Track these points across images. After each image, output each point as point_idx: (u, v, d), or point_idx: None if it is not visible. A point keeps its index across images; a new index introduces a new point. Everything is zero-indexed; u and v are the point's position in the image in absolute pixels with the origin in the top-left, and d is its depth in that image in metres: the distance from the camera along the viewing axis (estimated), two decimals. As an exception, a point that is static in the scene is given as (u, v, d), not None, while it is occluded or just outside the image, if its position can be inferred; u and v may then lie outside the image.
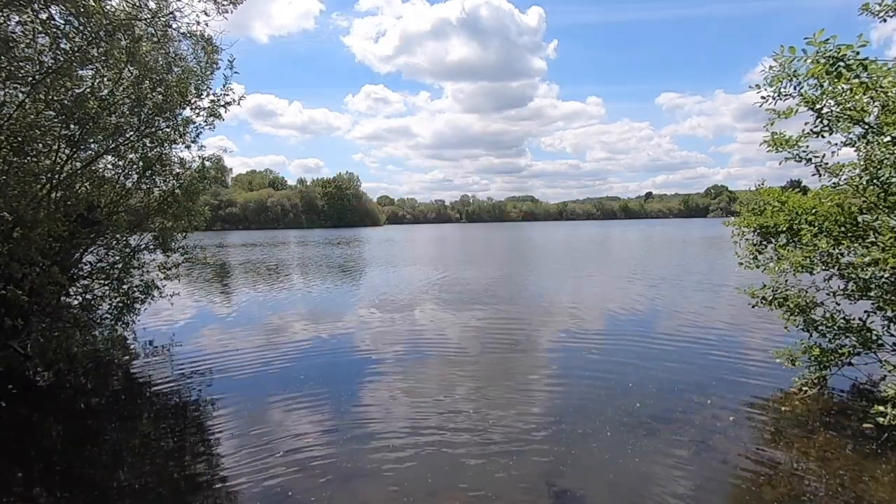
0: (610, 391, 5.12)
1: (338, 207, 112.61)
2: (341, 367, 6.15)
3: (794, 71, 4.27)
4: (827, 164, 4.56)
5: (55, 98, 5.20)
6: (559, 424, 4.38)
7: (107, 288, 7.02)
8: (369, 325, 8.50)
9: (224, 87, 6.79)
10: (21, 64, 4.88)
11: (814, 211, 4.68)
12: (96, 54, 5.30)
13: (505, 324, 8.66)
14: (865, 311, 4.68)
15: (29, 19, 4.80)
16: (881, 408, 3.80)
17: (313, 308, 10.29)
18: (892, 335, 4.51)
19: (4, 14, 4.71)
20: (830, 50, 3.96)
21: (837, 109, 4.23)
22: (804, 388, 4.88)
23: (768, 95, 4.53)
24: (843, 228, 4.52)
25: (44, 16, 4.86)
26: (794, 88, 4.36)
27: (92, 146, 6.19)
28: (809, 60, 4.11)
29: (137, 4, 5.58)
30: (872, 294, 4.55)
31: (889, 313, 4.53)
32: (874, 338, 4.56)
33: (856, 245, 4.45)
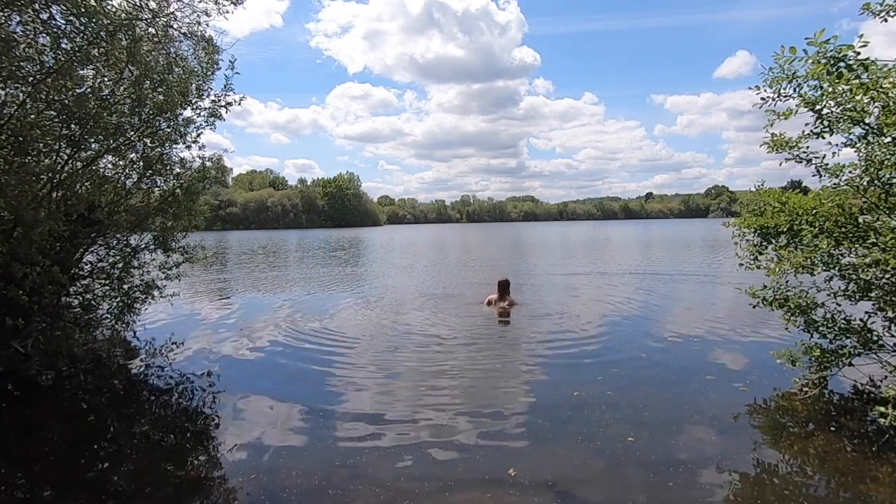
0: (606, 390, 5.11)
1: (338, 208, 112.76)
2: (342, 367, 6.15)
3: (794, 72, 4.28)
4: (827, 164, 4.56)
5: (56, 98, 5.20)
6: (552, 424, 4.38)
7: (107, 288, 7.02)
8: (371, 325, 8.50)
9: (225, 87, 6.80)
10: (22, 64, 4.88)
11: (814, 212, 4.67)
12: (97, 54, 5.30)
13: (502, 322, 8.67)
14: (866, 312, 4.67)
15: (30, 19, 4.81)
16: (882, 408, 3.79)
17: (313, 308, 10.30)
18: (892, 336, 4.51)
19: (5, 14, 4.72)
20: (831, 50, 3.96)
21: (838, 110, 4.23)
22: (805, 389, 4.88)
23: (768, 96, 4.54)
24: (843, 229, 4.51)
25: (45, 16, 4.86)
26: (794, 90, 4.36)
27: (93, 146, 6.19)
28: (810, 61, 4.11)
29: (138, 4, 5.59)
30: (873, 295, 4.55)
31: (890, 314, 4.52)
32: (875, 338, 4.55)
33: (856, 246, 4.45)
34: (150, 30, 5.95)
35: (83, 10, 4.76)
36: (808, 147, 4.62)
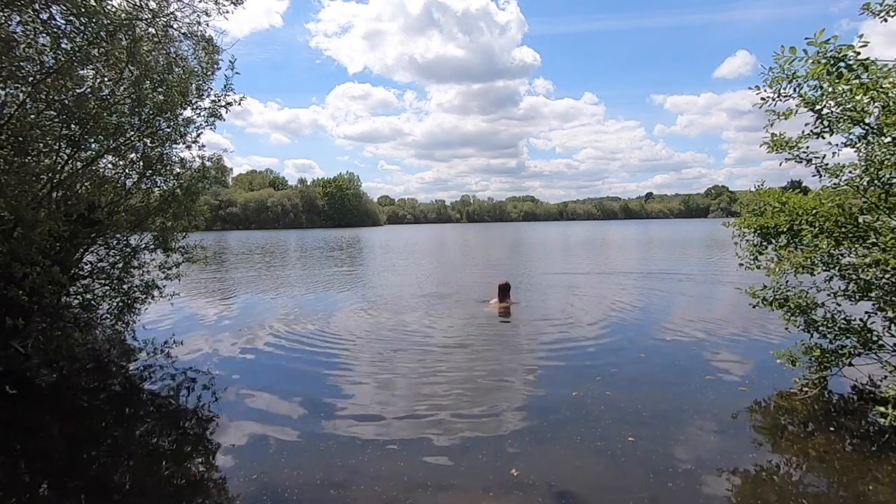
0: (605, 390, 5.11)
1: (338, 208, 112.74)
2: (342, 367, 6.16)
3: (794, 72, 4.28)
4: (827, 164, 4.56)
5: (56, 98, 5.20)
6: (552, 424, 4.38)
7: (107, 288, 7.02)
8: (370, 326, 8.50)
9: (225, 87, 6.80)
10: (22, 64, 4.88)
11: (814, 212, 4.67)
12: (97, 54, 5.29)
13: (502, 322, 8.67)
14: (866, 312, 4.67)
15: (30, 19, 4.81)
16: (882, 408, 3.80)
17: (313, 308, 10.30)
18: (892, 336, 4.51)
19: (5, 14, 4.71)
20: (831, 50, 3.96)
21: (838, 110, 4.23)
22: (804, 389, 4.88)
23: (768, 96, 4.53)
24: (843, 229, 4.51)
25: (45, 16, 4.86)
26: (794, 90, 4.36)
27: (92, 146, 6.19)
28: (810, 61, 4.11)
29: (138, 4, 5.59)
30: (873, 295, 4.55)
31: (890, 314, 4.52)
32: (874, 338, 4.56)
33: (856, 246, 4.45)
34: (150, 30, 5.95)
35: (83, 10, 4.75)
36: (808, 147, 4.62)
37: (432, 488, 3.39)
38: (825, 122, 4.35)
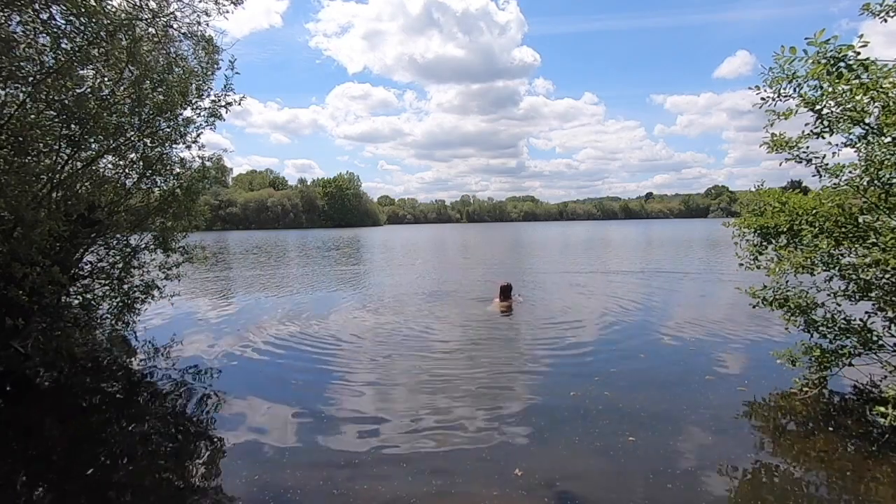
0: (604, 390, 5.11)
1: (338, 208, 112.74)
2: (343, 367, 6.15)
3: (794, 72, 4.28)
4: (827, 164, 4.56)
5: (56, 98, 5.20)
6: (554, 424, 4.38)
7: (107, 288, 7.02)
8: (370, 325, 8.50)
9: (225, 87, 6.80)
10: (22, 64, 4.88)
11: (814, 212, 4.67)
12: (97, 54, 5.29)
13: (503, 319, 8.67)
14: (866, 312, 4.67)
15: (30, 19, 4.81)
16: (882, 408, 3.80)
17: (313, 308, 10.30)
18: (892, 336, 4.51)
19: (5, 14, 4.71)
20: (831, 50, 3.96)
21: (838, 110, 4.23)
22: (804, 389, 4.88)
23: (768, 96, 4.53)
24: (843, 229, 4.51)
25: (45, 16, 4.86)
26: (794, 90, 4.36)
27: (93, 146, 6.19)
28: (810, 61, 4.11)
29: (138, 4, 5.59)
30: (873, 295, 4.55)
31: (890, 314, 4.52)
32: (875, 338, 4.56)
33: (856, 246, 4.45)
34: (150, 30, 5.95)
35: (83, 10, 4.75)
36: (808, 147, 4.62)
37: (436, 488, 3.39)
38: (825, 122, 4.34)
